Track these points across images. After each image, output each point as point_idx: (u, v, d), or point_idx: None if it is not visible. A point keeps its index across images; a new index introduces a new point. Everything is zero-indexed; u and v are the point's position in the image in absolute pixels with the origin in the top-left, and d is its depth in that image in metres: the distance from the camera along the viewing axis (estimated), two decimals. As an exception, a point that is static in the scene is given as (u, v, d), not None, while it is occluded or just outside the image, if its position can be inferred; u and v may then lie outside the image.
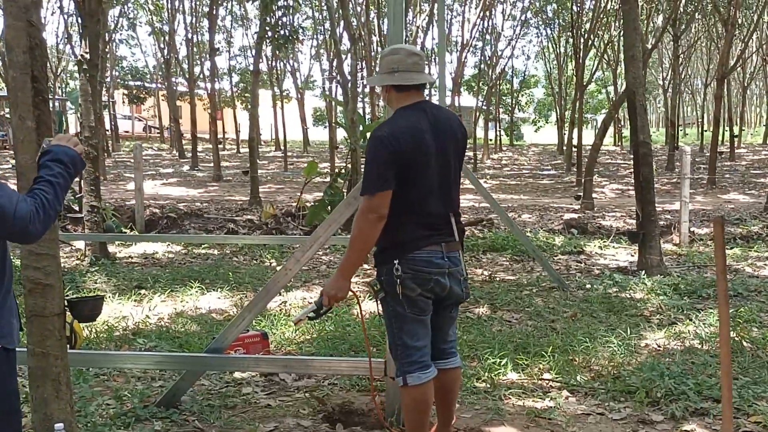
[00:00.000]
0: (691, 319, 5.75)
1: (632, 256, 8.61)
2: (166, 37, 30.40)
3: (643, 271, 7.46)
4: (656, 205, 7.92)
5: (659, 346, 5.13)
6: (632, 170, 8.24)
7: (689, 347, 5.04)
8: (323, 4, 19.87)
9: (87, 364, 4.20)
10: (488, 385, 4.26)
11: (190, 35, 28.20)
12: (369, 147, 3.04)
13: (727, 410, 2.61)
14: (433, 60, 24.02)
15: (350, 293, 3.17)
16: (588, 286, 7.12)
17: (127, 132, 46.02)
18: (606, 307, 6.28)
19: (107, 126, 34.06)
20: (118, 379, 4.37)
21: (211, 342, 3.93)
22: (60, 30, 36.56)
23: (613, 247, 9.52)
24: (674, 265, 8.27)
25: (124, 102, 47.63)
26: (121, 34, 35.01)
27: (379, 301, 3.11)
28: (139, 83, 44.80)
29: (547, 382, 4.34)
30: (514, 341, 5.15)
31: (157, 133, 46.08)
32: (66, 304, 3.04)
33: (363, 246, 3.03)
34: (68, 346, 4.51)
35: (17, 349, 2.46)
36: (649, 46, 19.73)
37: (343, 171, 11.71)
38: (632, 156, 8.08)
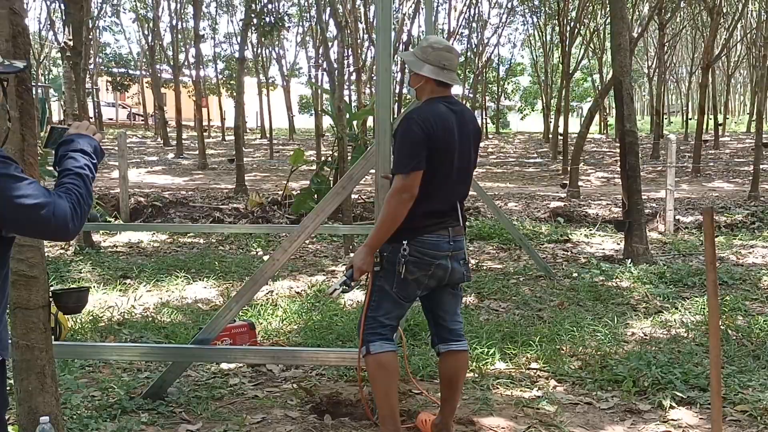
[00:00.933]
0: (677, 308, 5.78)
1: (618, 244, 8.65)
2: (151, 24, 30.11)
3: (629, 260, 7.50)
4: (642, 193, 7.95)
5: (646, 335, 5.16)
6: (618, 158, 8.27)
7: (675, 336, 5.07)
8: (309, -10, 19.71)
9: (72, 355, 4.17)
10: (476, 375, 4.26)
11: (174, 22, 27.97)
12: (403, 128, 3.11)
13: (717, 401, 2.62)
14: (419, 48, 23.94)
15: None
16: (575, 274, 7.15)
17: (111, 119, 45.56)
18: (592, 295, 6.30)
19: (91, 113, 33.79)
20: (104, 370, 4.33)
21: (197, 333, 3.90)
22: (43, 16, 36.25)
23: (599, 235, 9.56)
24: (660, 254, 8.32)
25: (108, 89, 47.16)
26: (104, 21, 34.72)
27: (370, 273, 3.18)
28: (123, 70, 44.40)
29: (534, 371, 4.35)
30: (501, 330, 5.15)
31: (142, 120, 45.73)
32: (51, 295, 2.98)
33: (392, 224, 3.08)
34: (53, 337, 4.49)
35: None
36: (635, 35, 19.72)
37: (329, 159, 11.65)
38: (618, 144, 8.10)
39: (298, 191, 11.86)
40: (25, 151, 2.79)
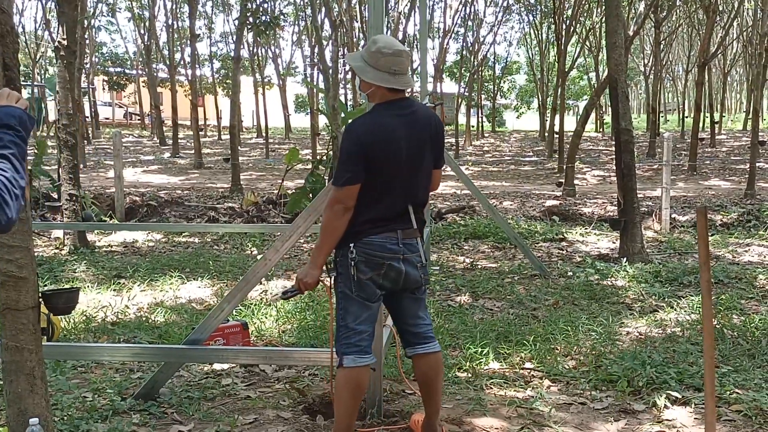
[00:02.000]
0: (672, 307, 5.77)
1: (613, 243, 8.64)
2: (146, 23, 30.06)
3: (625, 259, 7.49)
4: (638, 191, 7.94)
5: (641, 334, 5.14)
6: (614, 157, 8.26)
7: (670, 335, 5.05)
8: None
9: (64, 356, 4.14)
10: (470, 375, 4.24)
11: (170, 21, 27.93)
12: (342, 140, 3.12)
13: (711, 401, 2.61)
14: (415, 47, 23.94)
15: (321, 282, 3.23)
16: (569, 273, 7.13)
17: (107, 119, 45.53)
18: (587, 294, 6.29)
19: (87, 113, 33.76)
20: (96, 370, 4.31)
21: (190, 333, 3.87)
22: (39, 15, 36.13)
23: (595, 234, 9.55)
24: (655, 252, 8.31)
25: (104, 89, 47.10)
26: (100, 20, 34.61)
27: (331, 281, 3.20)
28: (119, 70, 44.33)
29: (528, 371, 4.34)
30: (495, 330, 5.14)
31: (138, 119, 45.67)
32: (40, 296, 2.96)
33: (331, 235, 3.09)
34: (45, 338, 4.47)
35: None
36: (631, 33, 19.73)
37: (324, 158, 11.64)
38: (614, 143, 8.09)
39: (294, 190, 11.84)
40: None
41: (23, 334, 2.83)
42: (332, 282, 3.21)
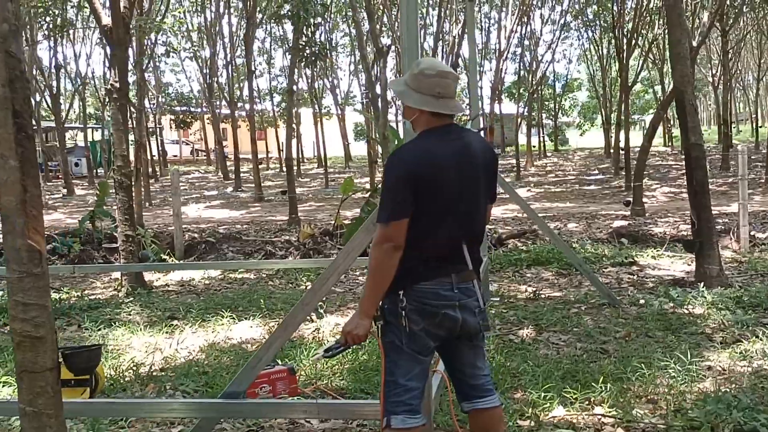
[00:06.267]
0: (757, 336, 5.28)
1: (689, 265, 8.12)
2: (208, 62, 30.70)
3: (702, 283, 6.96)
4: (712, 209, 7.43)
5: (724, 369, 4.69)
6: (684, 171, 7.78)
7: (757, 369, 4.58)
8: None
9: (98, 413, 3.95)
10: (533, 423, 3.87)
11: (229, 59, 28.43)
12: (385, 171, 2.82)
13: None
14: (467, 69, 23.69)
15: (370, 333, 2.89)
16: (642, 301, 6.67)
17: (175, 156, 46.70)
18: (662, 325, 5.83)
19: (155, 151, 34.62)
20: (136, 425, 4.13)
21: (227, 385, 3.65)
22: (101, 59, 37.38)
23: (668, 256, 9.01)
24: (735, 275, 7.74)
25: (171, 127, 48.37)
26: (164, 63, 35.55)
27: (378, 330, 2.86)
28: (184, 108, 45.44)
29: (598, 417, 3.94)
30: (561, 368, 4.76)
31: (204, 156, 46.64)
32: (60, 355, 2.78)
33: (381, 278, 2.76)
34: (88, 391, 4.32)
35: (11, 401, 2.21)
36: (696, 43, 19.03)
37: (379, 187, 11.43)
38: (684, 158, 7.62)
39: (351, 220, 11.65)
40: (27, 203, 2.59)
41: (41, 398, 2.63)
42: (379, 332, 2.88)
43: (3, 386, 4.83)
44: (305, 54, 13.97)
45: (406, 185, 2.69)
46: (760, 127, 31.52)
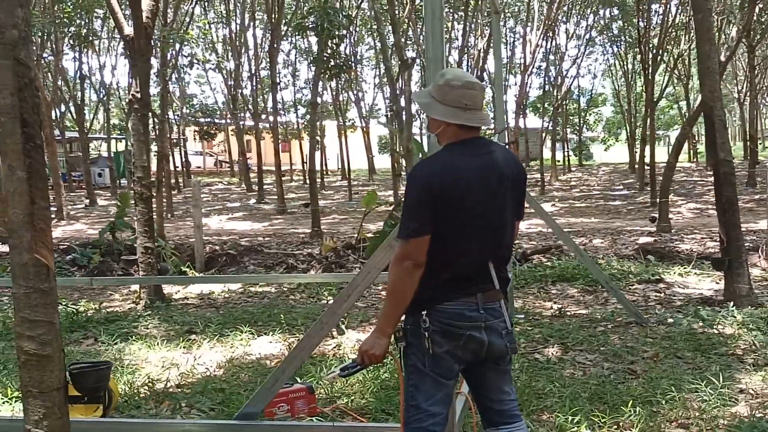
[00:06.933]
0: (791, 359, 5.08)
1: (717, 284, 7.91)
2: (233, 74, 30.86)
3: (731, 302, 6.76)
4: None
5: (757, 393, 4.50)
6: (710, 187, 7.59)
7: (793, 395, 4.39)
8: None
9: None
10: (559, 449, 3.73)
11: (254, 70, 28.56)
12: (407, 186, 2.69)
13: None
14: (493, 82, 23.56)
15: (389, 354, 2.77)
16: (670, 320, 6.47)
17: (199, 167, 46.92)
18: (692, 345, 5.64)
19: (178, 162, 34.81)
20: (149, 443, 4.03)
21: (245, 404, 3.54)
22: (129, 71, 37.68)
23: (695, 273, 8.79)
24: (765, 294, 7.52)
25: (195, 138, 48.61)
26: (188, 74, 35.77)
27: (400, 352, 2.74)
28: (209, 120, 45.68)
29: (628, 443, 3.79)
30: (588, 389, 4.60)
31: (228, 167, 46.82)
32: (68, 374, 2.69)
33: (401, 297, 2.65)
34: (101, 408, 4.23)
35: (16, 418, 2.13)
36: (723, 59, 18.78)
37: (402, 200, 11.31)
38: (712, 174, 7.43)
39: (374, 234, 11.54)
40: (35, 215, 2.52)
41: (48, 419, 2.55)
42: (400, 353, 2.76)
43: (16, 401, 4.76)
44: (329, 66, 13.93)
45: (427, 201, 2.57)
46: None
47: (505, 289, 2.77)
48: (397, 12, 15.39)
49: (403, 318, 2.72)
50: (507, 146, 4.99)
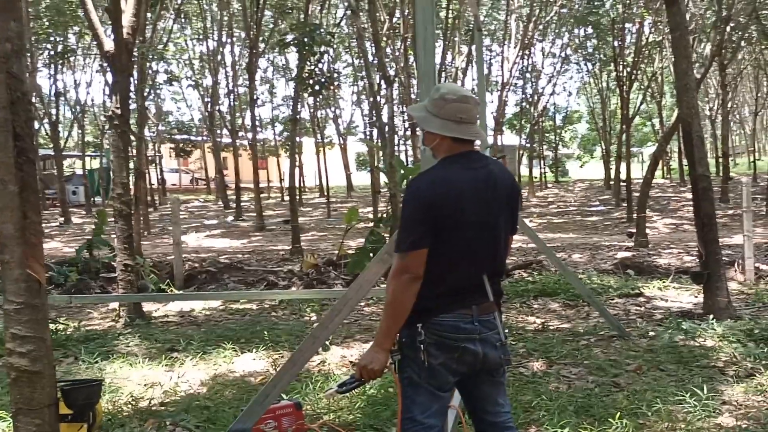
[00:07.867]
0: (771, 370, 5.15)
1: (696, 297, 8.01)
2: (209, 90, 30.80)
3: (711, 315, 6.84)
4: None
5: (739, 404, 4.55)
6: (684, 203, 7.71)
7: (775, 405, 4.45)
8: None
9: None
10: (549, 462, 3.74)
11: (231, 87, 28.54)
12: (404, 200, 2.71)
13: None
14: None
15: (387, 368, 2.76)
16: (651, 333, 6.55)
17: (174, 185, 46.54)
18: (674, 357, 5.70)
19: (154, 180, 34.56)
20: (135, 462, 3.98)
21: (233, 421, 3.51)
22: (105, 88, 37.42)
23: (674, 287, 8.89)
24: (743, 306, 7.63)
25: (171, 155, 48.29)
26: (165, 90, 35.62)
27: (395, 364, 2.74)
28: (185, 137, 45.45)
29: (616, 455, 3.81)
30: (574, 403, 4.62)
31: (204, 184, 46.56)
32: (58, 392, 2.65)
33: (399, 311, 2.65)
34: (86, 426, 4.16)
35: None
36: (698, 76, 19.11)
37: (384, 216, 11.33)
38: (690, 190, 7.54)
39: (355, 250, 11.53)
40: (26, 230, 2.49)
41: (39, 437, 2.51)
42: (396, 366, 2.76)
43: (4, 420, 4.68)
44: (309, 83, 13.96)
45: (425, 215, 2.59)
46: (757, 159, 31.47)
47: (500, 301, 2.79)
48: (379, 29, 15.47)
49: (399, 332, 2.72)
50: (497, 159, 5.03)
